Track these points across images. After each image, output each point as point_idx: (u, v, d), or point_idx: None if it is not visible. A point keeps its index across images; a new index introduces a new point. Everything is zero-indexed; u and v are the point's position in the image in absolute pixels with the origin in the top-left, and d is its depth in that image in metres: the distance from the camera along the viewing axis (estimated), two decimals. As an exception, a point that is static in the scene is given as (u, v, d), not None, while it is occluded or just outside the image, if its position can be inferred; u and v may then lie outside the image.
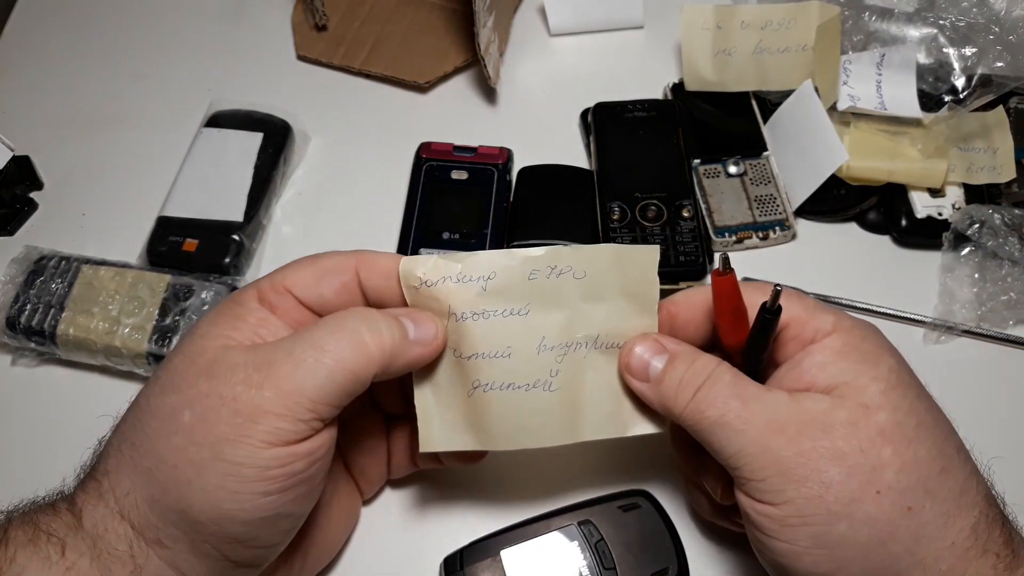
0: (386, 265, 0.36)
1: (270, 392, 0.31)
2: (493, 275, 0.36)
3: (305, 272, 0.36)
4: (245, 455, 0.31)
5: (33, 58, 0.65)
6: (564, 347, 0.37)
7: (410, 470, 0.43)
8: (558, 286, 0.36)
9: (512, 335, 0.36)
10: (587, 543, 0.40)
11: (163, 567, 0.32)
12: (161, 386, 0.33)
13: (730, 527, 0.40)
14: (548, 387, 0.37)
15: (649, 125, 0.57)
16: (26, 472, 0.45)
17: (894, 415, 0.32)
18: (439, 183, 0.55)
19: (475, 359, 0.36)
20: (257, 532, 0.32)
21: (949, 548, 0.31)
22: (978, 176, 0.54)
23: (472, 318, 0.36)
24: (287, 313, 0.35)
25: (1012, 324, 0.50)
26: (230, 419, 0.31)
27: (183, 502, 0.31)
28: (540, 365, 0.37)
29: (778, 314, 0.34)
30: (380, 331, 0.34)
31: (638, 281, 0.37)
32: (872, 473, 0.31)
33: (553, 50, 0.65)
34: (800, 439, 0.31)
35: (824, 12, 0.56)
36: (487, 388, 0.37)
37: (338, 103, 0.62)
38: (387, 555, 0.43)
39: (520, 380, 0.37)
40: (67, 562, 0.31)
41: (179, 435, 0.31)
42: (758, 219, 0.54)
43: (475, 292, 0.36)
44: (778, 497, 0.31)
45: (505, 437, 0.37)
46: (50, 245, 0.51)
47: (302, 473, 0.32)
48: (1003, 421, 0.47)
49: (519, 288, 0.36)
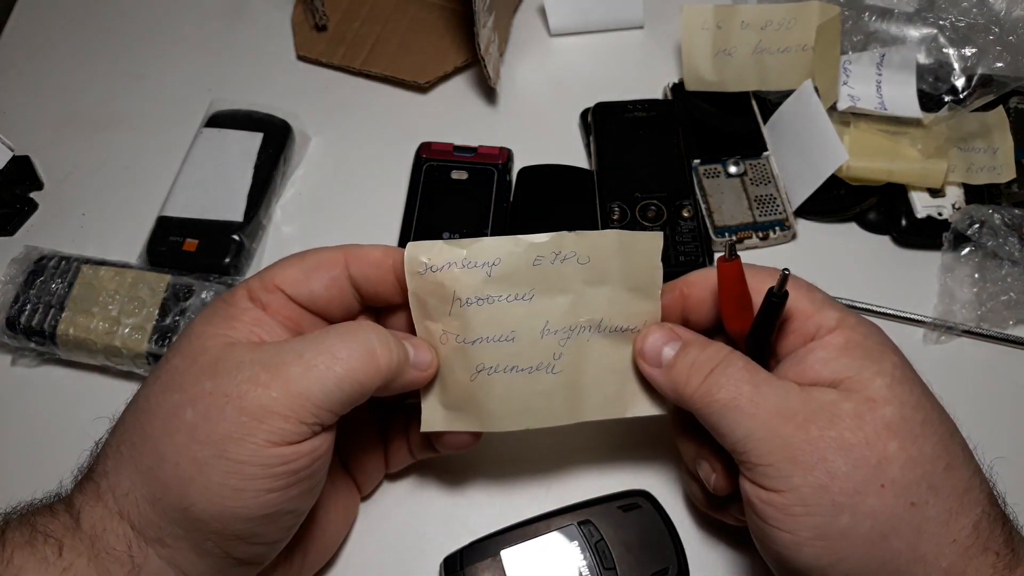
0: (375, 256, 0.37)
1: (277, 392, 0.31)
2: (498, 261, 0.36)
3: (294, 269, 0.36)
4: (249, 454, 0.31)
5: (33, 58, 0.65)
6: (567, 331, 0.38)
7: (407, 462, 0.43)
8: (562, 271, 0.37)
9: (516, 320, 0.37)
10: (587, 543, 0.40)
11: (163, 566, 0.32)
12: (162, 385, 0.33)
13: (724, 519, 0.40)
14: (551, 370, 0.38)
15: (649, 125, 0.57)
16: (26, 472, 0.45)
17: (901, 410, 0.32)
18: (439, 183, 0.55)
19: (479, 343, 0.37)
20: (259, 529, 0.32)
21: (951, 545, 0.31)
22: (978, 176, 0.54)
23: (477, 303, 0.37)
24: (279, 311, 0.35)
25: (1012, 324, 0.50)
26: (235, 417, 0.31)
27: (185, 500, 0.31)
28: (543, 349, 0.37)
29: (785, 299, 0.34)
30: (389, 347, 0.34)
31: (641, 267, 0.37)
32: (877, 466, 0.31)
33: (553, 50, 0.65)
34: (808, 426, 0.32)
35: (824, 12, 0.56)
36: (491, 371, 0.37)
37: (338, 103, 0.62)
38: (387, 555, 0.43)
39: (523, 363, 0.37)
40: (64, 562, 0.31)
41: (181, 433, 0.31)
42: (758, 219, 0.54)
43: (480, 278, 0.36)
44: (783, 484, 0.31)
45: (508, 418, 0.38)
46: (50, 245, 0.51)
47: (304, 471, 0.32)
48: (1003, 421, 0.47)
49: (524, 274, 0.37)
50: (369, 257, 0.37)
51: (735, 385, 0.33)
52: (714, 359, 0.35)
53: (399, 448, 0.43)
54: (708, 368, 0.34)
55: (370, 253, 0.37)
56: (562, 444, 0.46)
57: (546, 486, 0.45)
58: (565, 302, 0.37)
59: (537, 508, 0.42)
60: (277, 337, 0.35)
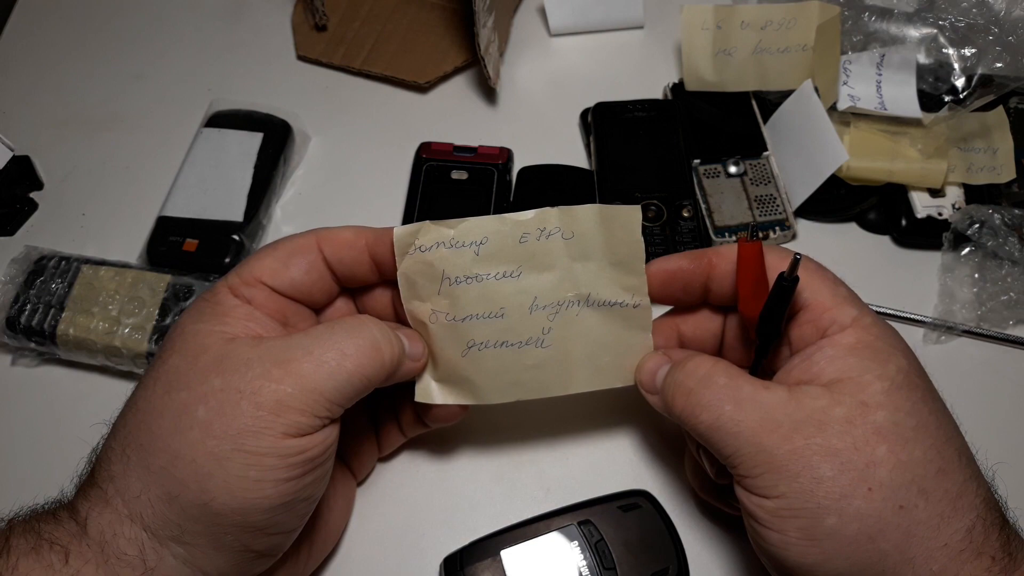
0: (347, 236, 0.37)
1: (291, 388, 0.32)
2: (485, 240, 0.37)
3: (271, 259, 0.37)
4: (268, 445, 0.32)
5: (33, 58, 0.65)
6: (556, 306, 0.38)
7: (399, 442, 0.44)
8: (548, 247, 0.38)
9: (505, 297, 0.38)
10: (587, 543, 0.40)
11: (179, 566, 0.32)
12: (164, 386, 0.33)
13: (723, 508, 0.41)
14: (541, 344, 0.39)
15: (649, 125, 0.57)
16: (26, 472, 0.45)
17: (893, 415, 0.32)
18: (439, 183, 0.55)
19: (469, 321, 0.38)
20: (278, 518, 0.33)
21: (942, 549, 0.31)
22: (978, 176, 0.54)
23: (466, 282, 0.38)
24: (263, 305, 0.36)
25: (1012, 324, 0.50)
26: (252, 412, 0.32)
27: (205, 495, 0.31)
28: (533, 324, 0.38)
29: (795, 283, 0.34)
30: (392, 341, 0.36)
31: (623, 240, 0.38)
32: (864, 470, 0.31)
33: (553, 50, 0.65)
34: (794, 437, 0.32)
35: (824, 12, 0.56)
36: (482, 347, 0.38)
37: (338, 103, 0.62)
38: (387, 555, 0.43)
39: (513, 338, 0.38)
40: (71, 569, 0.31)
41: (195, 430, 0.32)
42: (758, 219, 0.54)
43: (468, 257, 0.37)
44: (771, 491, 0.32)
45: (499, 391, 0.39)
46: (50, 245, 0.51)
47: (318, 459, 0.33)
48: (1003, 421, 0.47)
49: (511, 251, 0.38)
50: (341, 238, 0.37)
51: (717, 404, 0.34)
52: (693, 376, 0.35)
53: (390, 430, 0.43)
54: (689, 387, 0.35)
55: (341, 234, 0.37)
56: (562, 444, 0.46)
57: (546, 486, 0.45)
58: (553, 278, 0.38)
59: (537, 508, 0.42)
60: (270, 330, 0.35)
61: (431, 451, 0.46)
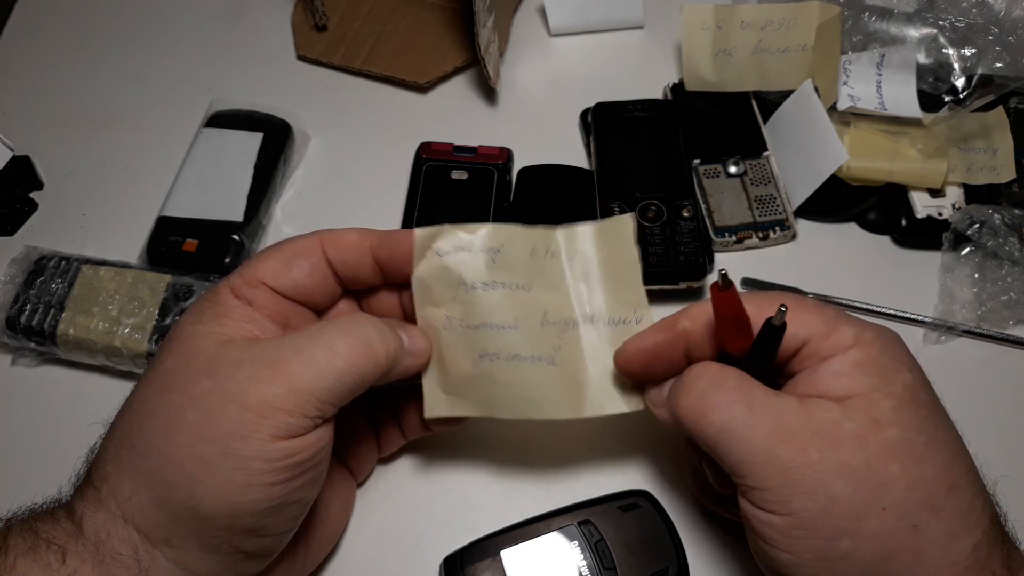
0: (351, 239, 0.37)
1: (279, 388, 0.32)
2: (501, 248, 0.38)
3: (273, 260, 0.36)
4: (255, 449, 0.31)
5: (33, 58, 0.65)
6: (563, 324, 0.38)
7: (399, 444, 0.44)
8: (553, 267, 0.38)
9: (519, 307, 0.38)
10: (587, 543, 0.40)
11: (171, 568, 0.32)
12: (158, 387, 0.33)
13: (723, 514, 0.40)
14: (551, 361, 0.38)
15: (649, 125, 0.57)
16: (26, 472, 0.45)
17: (904, 432, 0.31)
18: (439, 183, 0.55)
19: (484, 328, 0.38)
20: (267, 521, 0.33)
21: (949, 567, 0.30)
22: (978, 176, 0.54)
23: (483, 288, 0.38)
24: (264, 306, 0.36)
25: (1012, 324, 0.50)
26: (239, 415, 0.31)
27: (192, 499, 0.31)
28: (544, 339, 0.38)
29: (782, 330, 0.33)
30: (386, 338, 0.35)
31: (618, 255, 0.38)
32: (879, 489, 0.30)
33: (553, 50, 0.65)
34: (808, 449, 0.31)
35: (824, 12, 0.56)
36: (493, 358, 0.38)
37: (338, 103, 0.62)
38: (387, 555, 0.43)
39: (525, 352, 0.38)
40: (68, 569, 0.31)
41: (183, 433, 0.31)
42: (758, 219, 0.54)
43: (484, 263, 0.37)
44: (783, 507, 0.31)
45: (508, 406, 0.38)
46: (50, 245, 0.51)
47: (309, 462, 0.33)
48: (1003, 421, 0.47)
49: (523, 263, 0.38)
50: (345, 240, 0.37)
51: (728, 407, 0.33)
52: (704, 376, 0.34)
53: (390, 431, 0.43)
54: (698, 387, 0.34)
55: (345, 236, 0.37)
56: (562, 444, 0.46)
57: (546, 486, 0.45)
58: (558, 296, 0.38)
59: (537, 508, 0.42)
60: (268, 332, 0.35)
61: (431, 451, 0.46)
